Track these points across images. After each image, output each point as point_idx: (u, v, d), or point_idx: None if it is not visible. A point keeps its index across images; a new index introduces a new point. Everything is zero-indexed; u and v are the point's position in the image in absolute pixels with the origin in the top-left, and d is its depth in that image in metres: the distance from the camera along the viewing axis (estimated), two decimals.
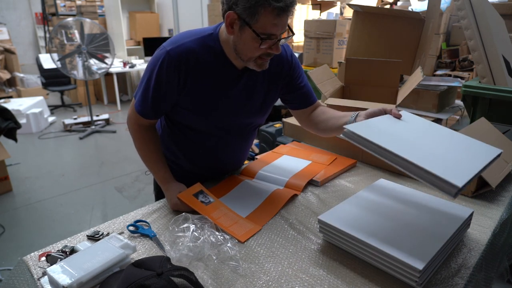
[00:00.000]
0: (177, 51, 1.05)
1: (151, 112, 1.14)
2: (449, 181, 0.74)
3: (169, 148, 1.30)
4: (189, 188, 1.14)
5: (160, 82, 1.08)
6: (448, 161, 0.83)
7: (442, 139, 0.96)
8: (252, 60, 1.03)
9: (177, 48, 1.05)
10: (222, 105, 1.15)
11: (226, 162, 1.33)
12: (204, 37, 1.08)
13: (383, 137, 0.88)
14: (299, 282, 0.83)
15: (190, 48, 1.05)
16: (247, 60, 1.04)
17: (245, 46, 1.00)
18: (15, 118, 3.17)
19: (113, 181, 3.56)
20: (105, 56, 4.84)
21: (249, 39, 0.97)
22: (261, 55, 1.02)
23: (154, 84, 1.08)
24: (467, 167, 0.81)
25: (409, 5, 3.86)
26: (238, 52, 1.03)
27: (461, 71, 3.30)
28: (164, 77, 1.06)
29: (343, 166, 1.39)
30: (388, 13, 2.22)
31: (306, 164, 1.39)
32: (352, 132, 0.89)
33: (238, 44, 1.01)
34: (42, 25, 7.33)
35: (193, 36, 1.08)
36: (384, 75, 1.69)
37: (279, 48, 1.01)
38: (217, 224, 1.01)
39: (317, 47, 3.68)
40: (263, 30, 0.95)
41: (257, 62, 1.04)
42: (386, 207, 0.99)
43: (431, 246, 0.82)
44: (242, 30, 0.97)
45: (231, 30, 0.98)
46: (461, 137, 0.98)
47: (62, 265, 0.79)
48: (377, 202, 1.01)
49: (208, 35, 1.09)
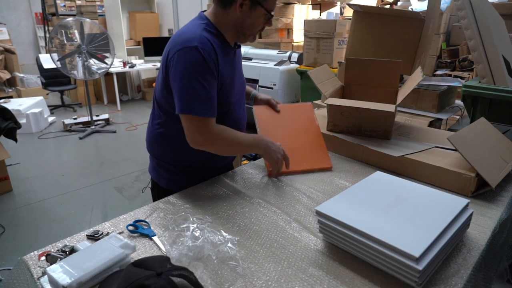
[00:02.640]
0: (204, 43, 1.11)
1: (215, 108, 1.16)
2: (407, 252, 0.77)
3: (172, 150, 1.30)
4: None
5: (208, 78, 1.11)
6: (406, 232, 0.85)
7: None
8: (254, 34, 1.22)
9: (202, 41, 1.11)
10: (236, 79, 1.28)
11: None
12: (205, 26, 1.17)
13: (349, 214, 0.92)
14: (298, 282, 0.83)
15: (207, 38, 1.13)
16: (250, 34, 1.21)
17: (254, 22, 1.17)
18: (15, 118, 3.17)
19: (113, 181, 3.56)
20: (105, 56, 4.84)
21: (258, 16, 1.16)
22: (259, 30, 1.22)
23: (204, 81, 1.10)
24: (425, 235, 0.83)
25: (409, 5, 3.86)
26: (244, 28, 1.18)
27: (461, 71, 3.30)
28: (208, 70, 1.11)
29: (315, 166, 1.41)
30: (388, 13, 2.22)
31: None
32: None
33: (246, 21, 1.16)
34: (42, 25, 7.33)
35: (198, 29, 1.14)
36: (384, 75, 1.69)
37: (272, 23, 1.23)
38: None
39: (317, 47, 3.68)
40: (270, 8, 1.16)
41: (254, 36, 1.24)
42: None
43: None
44: (253, 9, 1.14)
45: (241, 9, 1.14)
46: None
47: (62, 265, 0.79)
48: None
49: (206, 24, 1.17)
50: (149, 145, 1.37)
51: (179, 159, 1.31)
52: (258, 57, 4.35)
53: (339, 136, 1.55)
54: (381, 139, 1.51)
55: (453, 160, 1.29)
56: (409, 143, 1.47)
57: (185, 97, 1.10)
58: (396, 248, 0.79)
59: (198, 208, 1.15)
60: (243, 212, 1.12)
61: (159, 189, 1.33)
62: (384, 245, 0.82)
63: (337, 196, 1.01)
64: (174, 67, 1.11)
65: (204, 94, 1.10)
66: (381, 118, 1.49)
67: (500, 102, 1.99)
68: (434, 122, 2.23)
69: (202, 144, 1.17)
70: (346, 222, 0.88)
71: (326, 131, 1.60)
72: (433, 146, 1.42)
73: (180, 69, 1.09)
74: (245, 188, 1.28)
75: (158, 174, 1.37)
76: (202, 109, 1.10)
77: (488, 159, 1.24)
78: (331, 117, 1.58)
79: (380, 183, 1.09)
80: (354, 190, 1.04)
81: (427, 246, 0.79)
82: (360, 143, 1.47)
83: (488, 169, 1.19)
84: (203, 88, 1.10)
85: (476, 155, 1.20)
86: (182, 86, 1.10)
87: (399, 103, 1.48)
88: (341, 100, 1.61)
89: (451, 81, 2.41)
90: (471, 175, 1.18)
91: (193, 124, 1.13)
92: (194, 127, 1.13)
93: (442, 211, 0.92)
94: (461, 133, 1.26)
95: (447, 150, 1.38)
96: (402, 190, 1.04)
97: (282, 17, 4.51)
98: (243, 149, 1.27)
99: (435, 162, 1.27)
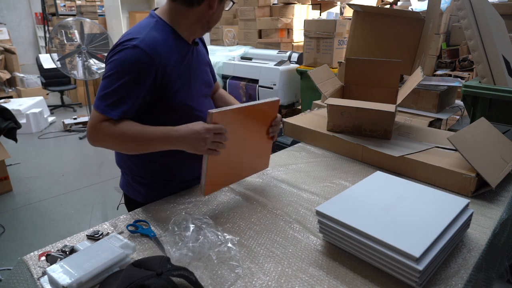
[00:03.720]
0: (147, 42, 1.06)
1: (122, 110, 1.08)
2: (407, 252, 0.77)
3: (145, 163, 1.22)
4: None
5: (133, 79, 1.05)
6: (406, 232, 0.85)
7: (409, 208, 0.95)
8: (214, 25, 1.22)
9: (144, 41, 1.06)
10: (194, 80, 1.21)
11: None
12: (155, 24, 1.14)
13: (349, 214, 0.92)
14: (298, 282, 0.83)
15: (155, 37, 1.09)
16: (212, 27, 1.21)
17: (219, 15, 1.19)
18: (15, 118, 3.17)
19: (113, 181, 3.56)
20: (105, 56, 4.84)
21: (221, 9, 1.18)
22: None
23: (125, 81, 1.04)
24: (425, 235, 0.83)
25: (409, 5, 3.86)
26: (211, 23, 1.18)
27: (461, 71, 3.30)
28: (137, 70, 1.06)
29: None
30: (388, 13, 2.22)
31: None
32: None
33: (215, 16, 1.17)
34: (42, 25, 7.33)
35: (145, 28, 1.11)
36: (384, 75, 1.69)
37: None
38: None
39: (317, 47, 3.68)
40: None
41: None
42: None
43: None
44: (221, 4, 1.16)
45: (211, 6, 1.13)
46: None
47: (62, 265, 0.79)
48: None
49: (156, 22, 1.15)
50: (117, 157, 1.29)
51: (151, 170, 1.23)
52: (258, 57, 4.35)
53: (339, 136, 1.55)
54: (381, 139, 1.51)
55: (453, 160, 1.29)
56: (409, 143, 1.47)
57: (98, 94, 1.06)
58: (396, 248, 0.79)
59: (198, 208, 1.15)
60: (243, 212, 1.12)
61: (135, 204, 1.25)
62: (384, 245, 0.82)
63: (337, 196, 1.01)
64: (106, 66, 1.08)
65: (118, 94, 1.04)
66: (381, 118, 1.49)
67: (500, 102, 1.99)
68: (434, 122, 2.23)
69: (90, 137, 1.08)
70: (346, 222, 0.88)
71: (326, 131, 1.60)
72: (433, 146, 1.42)
73: (108, 67, 1.06)
74: (245, 188, 1.28)
75: (134, 190, 1.30)
76: (104, 106, 1.04)
77: (488, 159, 1.24)
78: (331, 117, 1.58)
79: (380, 183, 1.09)
80: (354, 190, 1.04)
81: (427, 246, 0.79)
82: (360, 143, 1.47)
83: (488, 169, 1.19)
84: (118, 89, 1.04)
85: (476, 155, 1.20)
86: (102, 83, 1.06)
87: (399, 103, 1.48)
88: (341, 100, 1.61)
89: (451, 81, 2.41)
90: (471, 175, 1.18)
91: (92, 118, 1.07)
92: (91, 120, 1.06)
93: (442, 211, 0.92)
94: (461, 133, 1.26)
95: (447, 150, 1.38)
96: (402, 190, 1.04)
97: (282, 17, 4.51)
98: (149, 146, 1.09)
99: (435, 162, 1.27)
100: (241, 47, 4.75)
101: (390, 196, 1.00)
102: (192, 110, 1.20)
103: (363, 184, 1.08)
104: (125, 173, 1.32)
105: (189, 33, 1.19)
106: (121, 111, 1.05)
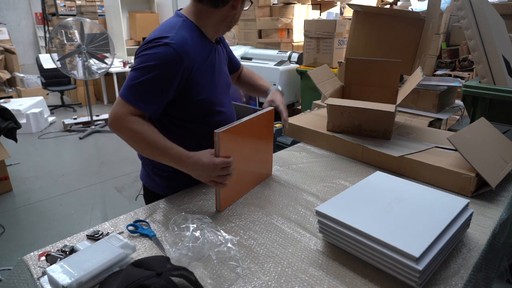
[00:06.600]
0: (178, 40, 1.09)
1: (148, 104, 1.12)
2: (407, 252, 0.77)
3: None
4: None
5: (163, 75, 1.09)
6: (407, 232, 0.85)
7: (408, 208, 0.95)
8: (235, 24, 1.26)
9: (175, 38, 1.09)
10: (218, 78, 1.26)
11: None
12: (183, 23, 1.16)
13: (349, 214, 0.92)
14: (298, 282, 0.83)
15: (185, 36, 1.12)
16: (232, 26, 1.26)
17: (239, 15, 1.24)
18: (15, 118, 3.17)
19: (113, 181, 3.56)
20: (105, 56, 4.84)
21: (242, 9, 1.23)
22: None
23: (154, 76, 1.08)
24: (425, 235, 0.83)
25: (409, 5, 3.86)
26: (233, 22, 1.23)
27: (461, 71, 3.30)
28: (167, 67, 1.09)
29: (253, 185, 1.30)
30: (388, 13, 2.22)
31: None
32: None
33: (236, 16, 1.22)
34: (42, 25, 7.34)
35: (175, 27, 1.13)
36: (384, 75, 1.69)
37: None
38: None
39: (317, 47, 3.68)
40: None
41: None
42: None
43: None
44: (242, 4, 1.21)
45: (235, 6, 1.18)
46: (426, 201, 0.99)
47: (62, 265, 0.79)
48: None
49: (183, 21, 1.16)
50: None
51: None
52: (258, 57, 4.35)
53: (339, 136, 1.55)
54: (381, 139, 1.51)
55: (453, 160, 1.29)
56: (409, 143, 1.47)
57: (126, 84, 1.08)
58: (396, 248, 0.79)
59: (198, 208, 1.15)
60: (243, 213, 1.12)
61: (154, 196, 1.29)
62: (384, 245, 0.82)
63: (337, 196, 1.01)
64: (136, 59, 1.10)
65: (146, 87, 1.07)
66: (381, 118, 1.49)
67: (500, 102, 1.99)
68: (434, 122, 2.23)
69: (111, 124, 1.09)
70: (346, 222, 0.88)
71: (326, 131, 1.60)
72: (433, 146, 1.42)
73: (138, 60, 1.07)
74: None
75: (154, 182, 1.32)
76: (132, 96, 1.07)
77: (488, 159, 1.24)
78: (331, 117, 1.58)
79: (380, 183, 1.09)
80: (354, 190, 1.04)
81: (427, 246, 0.79)
82: (360, 143, 1.47)
83: (488, 169, 1.19)
84: (147, 82, 1.06)
85: (476, 155, 1.20)
86: (131, 74, 1.08)
87: (399, 103, 1.48)
88: (341, 100, 1.61)
89: (451, 81, 2.41)
90: (471, 175, 1.18)
91: (116, 105, 1.09)
92: (117, 109, 1.08)
93: (442, 211, 0.92)
94: (461, 133, 1.26)
95: (447, 150, 1.38)
96: (402, 190, 1.04)
97: (282, 17, 4.51)
98: (160, 158, 1.11)
99: (435, 162, 1.27)
100: (241, 47, 4.75)
101: (390, 196, 1.00)
102: (213, 105, 1.25)
103: (363, 184, 1.08)
104: (145, 165, 1.35)
105: (214, 32, 1.23)
106: (150, 107, 1.10)
